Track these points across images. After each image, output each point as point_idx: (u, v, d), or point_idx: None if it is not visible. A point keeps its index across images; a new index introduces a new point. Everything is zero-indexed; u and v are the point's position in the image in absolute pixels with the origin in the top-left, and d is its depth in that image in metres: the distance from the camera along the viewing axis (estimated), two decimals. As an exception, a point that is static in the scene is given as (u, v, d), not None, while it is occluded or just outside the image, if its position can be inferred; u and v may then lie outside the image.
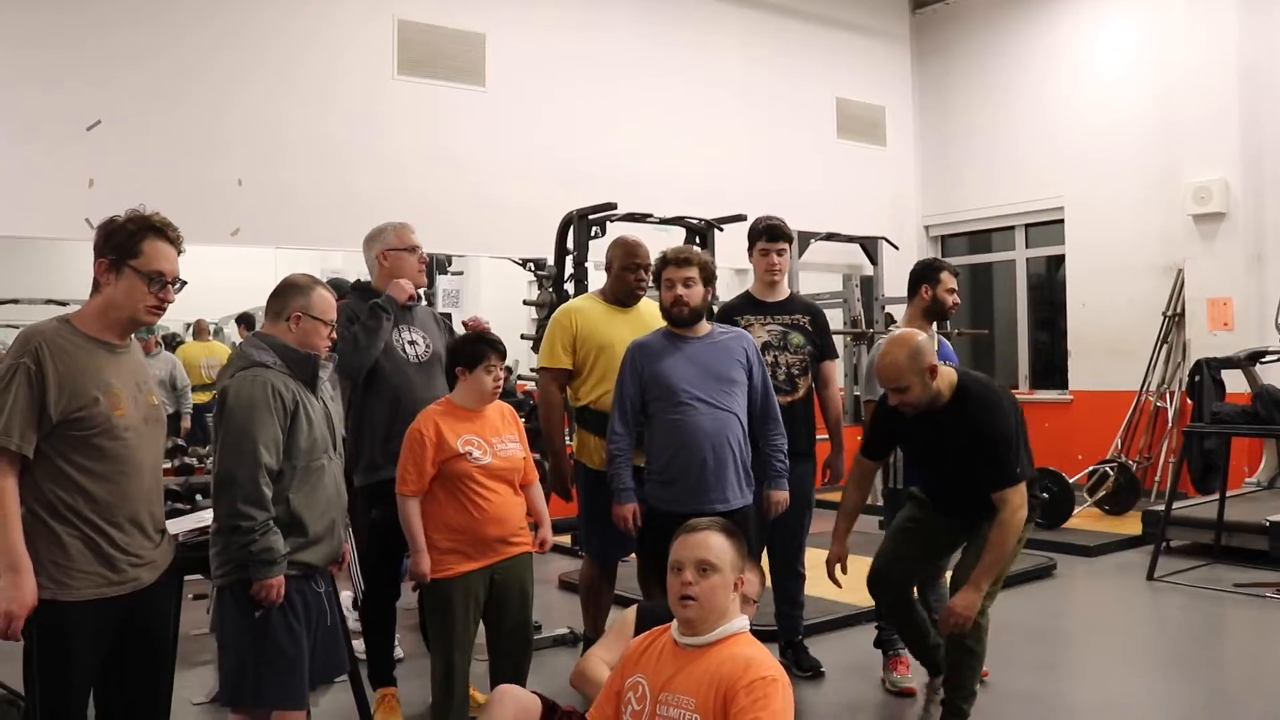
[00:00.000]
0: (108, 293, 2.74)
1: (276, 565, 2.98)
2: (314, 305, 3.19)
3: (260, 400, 3.02)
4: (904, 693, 4.46)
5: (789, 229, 4.69)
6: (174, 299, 2.81)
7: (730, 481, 3.93)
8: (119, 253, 2.72)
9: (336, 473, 3.23)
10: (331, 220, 7.53)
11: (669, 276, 4.00)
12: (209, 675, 4.75)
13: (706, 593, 2.66)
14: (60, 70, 6.67)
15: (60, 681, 2.65)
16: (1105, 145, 9.67)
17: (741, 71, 9.85)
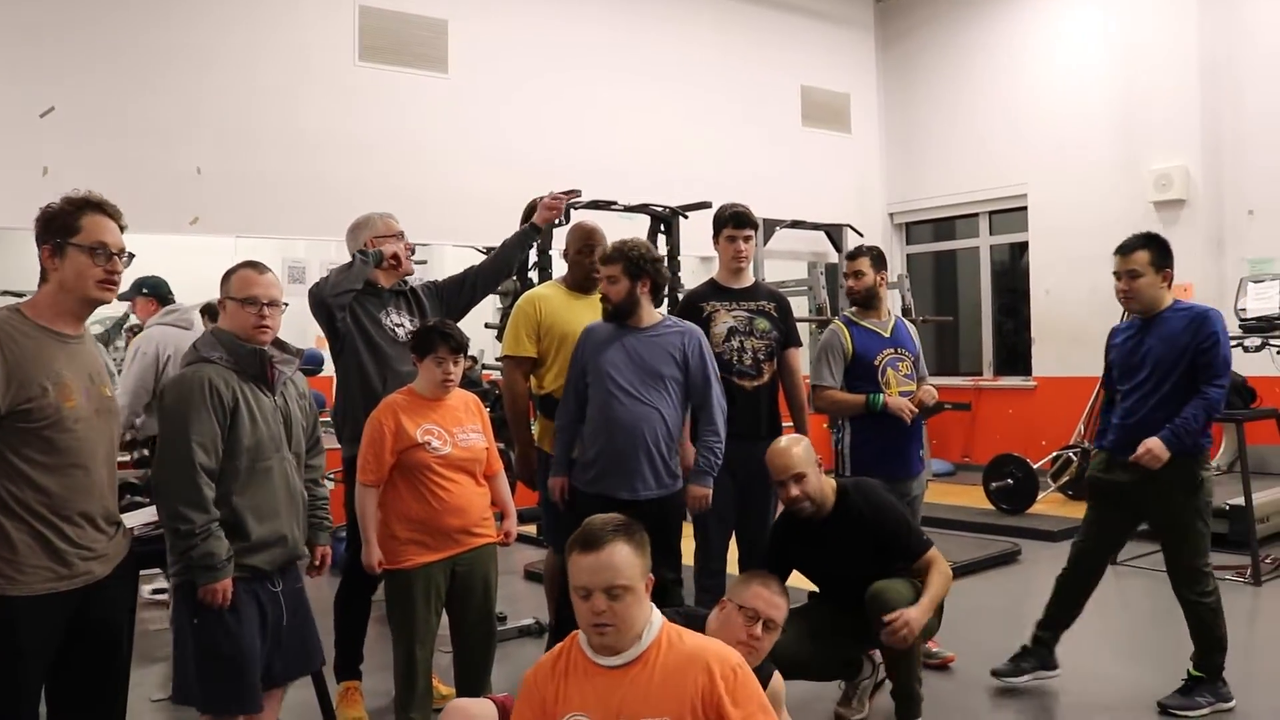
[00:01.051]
0: (56, 277, 2.68)
1: (218, 570, 2.92)
2: (232, 287, 3.11)
3: (195, 398, 2.95)
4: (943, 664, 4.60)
5: (755, 216, 4.67)
6: (121, 270, 2.72)
7: (644, 474, 3.95)
8: (60, 234, 2.66)
9: (290, 473, 3.13)
10: (293, 208, 7.45)
11: (599, 273, 4.10)
12: (167, 671, 4.68)
13: (622, 615, 2.44)
14: (13, 57, 6.54)
15: (9, 678, 2.58)
16: (1068, 133, 9.73)
17: (706, 59, 9.82)
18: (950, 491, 9.01)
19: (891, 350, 4.64)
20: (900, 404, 4.48)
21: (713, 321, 4.55)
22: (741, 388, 4.50)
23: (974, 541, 7.00)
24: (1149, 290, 4.10)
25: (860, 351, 4.59)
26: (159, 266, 5.63)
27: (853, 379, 4.59)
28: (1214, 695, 4.03)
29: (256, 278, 3.11)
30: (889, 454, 4.56)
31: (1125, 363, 4.17)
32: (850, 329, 4.65)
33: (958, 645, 4.82)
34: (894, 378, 4.59)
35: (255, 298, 3.08)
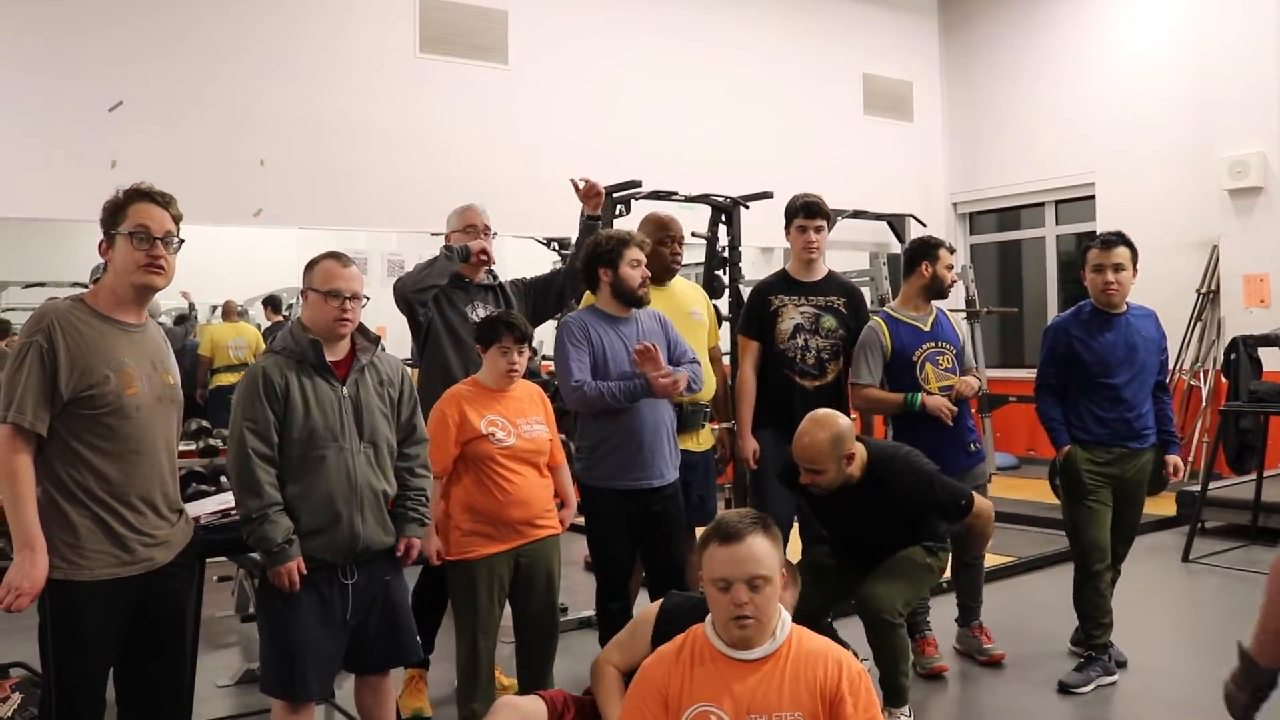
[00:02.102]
0: (111, 267, 2.74)
1: (275, 555, 2.95)
2: (315, 278, 3.12)
3: (250, 387, 3.03)
4: (934, 673, 4.47)
5: (827, 206, 4.60)
6: (165, 254, 2.74)
7: (666, 459, 3.99)
8: (110, 225, 2.73)
9: (352, 463, 3.09)
10: (354, 200, 7.50)
11: (637, 258, 4.00)
12: (234, 657, 4.75)
13: (762, 607, 2.48)
14: (82, 52, 6.64)
15: (76, 662, 2.64)
16: (1138, 119, 9.49)
17: (768, 47, 9.73)
18: (1015, 485, 8.87)
19: (931, 344, 4.52)
20: (938, 404, 4.37)
21: (779, 317, 4.51)
22: (803, 387, 4.48)
23: (1040, 536, 6.88)
24: (1128, 284, 4.32)
25: (899, 347, 4.48)
26: (223, 258, 5.72)
27: (892, 375, 4.49)
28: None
29: (340, 270, 3.11)
30: (931, 450, 4.38)
31: (1109, 357, 4.29)
32: (889, 325, 4.53)
33: (1025, 642, 4.74)
34: (933, 373, 4.48)
35: (338, 290, 3.08)
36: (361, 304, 3.14)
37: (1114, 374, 4.29)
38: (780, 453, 4.34)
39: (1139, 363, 4.32)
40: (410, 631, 3.30)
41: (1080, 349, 4.32)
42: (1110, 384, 4.28)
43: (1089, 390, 4.32)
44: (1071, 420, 4.36)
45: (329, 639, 3.08)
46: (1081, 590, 4.37)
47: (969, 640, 4.69)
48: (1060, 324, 4.44)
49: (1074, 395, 4.36)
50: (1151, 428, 4.40)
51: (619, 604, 4.12)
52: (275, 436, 3.01)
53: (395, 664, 3.34)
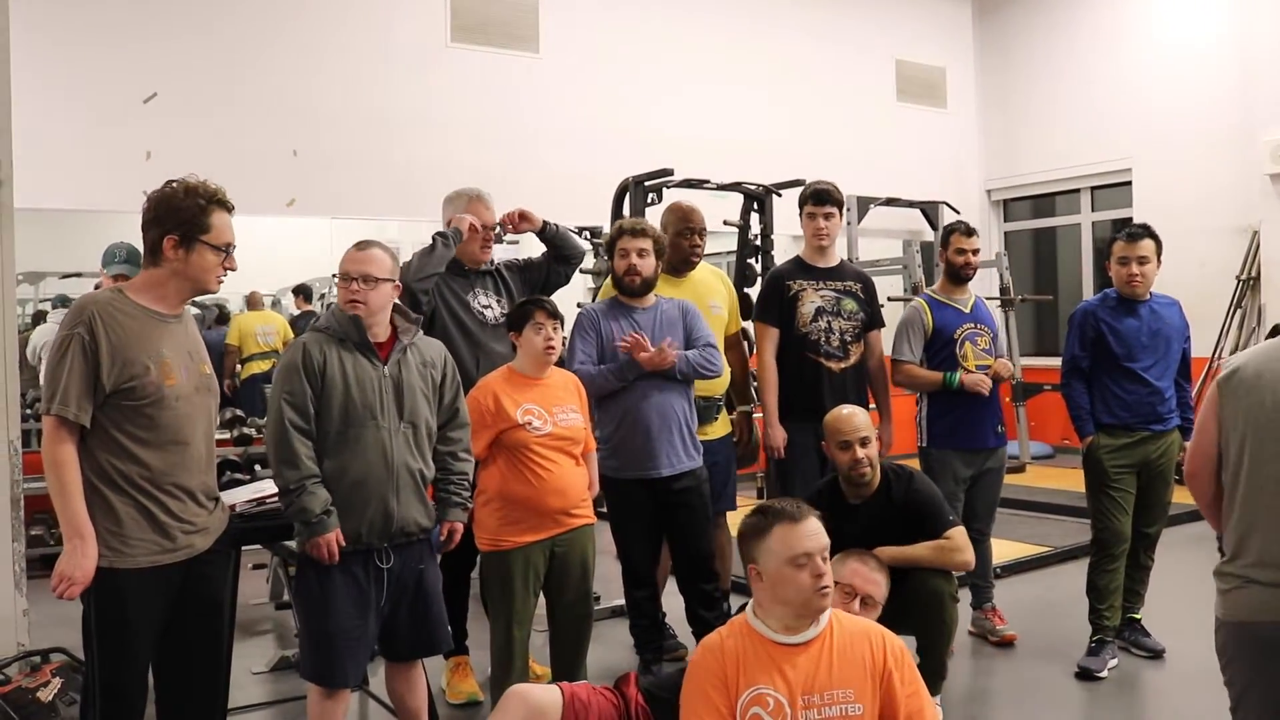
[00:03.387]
0: (173, 266, 2.76)
1: (313, 526, 2.98)
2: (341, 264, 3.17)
3: (290, 362, 3.08)
4: (1006, 641, 4.68)
5: (839, 193, 4.64)
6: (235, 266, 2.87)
7: (676, 447, 4.01)
8: (188, 228, 2.74)
9: (390, 443, 3.09)
10: (386, 190, 7.53)
11: (624, 246, 4.06)
12: (269, 645, 4.79)
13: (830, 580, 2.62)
14: (116, 44, 6.71)
15: (119, 649, 2.67)
16: (1175, 103, 9.36)
17: (800, 34, 9.66)
18: (1050, 475, 8.80)
19: (971, 325, 4.68)
20: (976, 379, 4.55)
21: (800, 300, 4.52)
22: (829, 370, 4.50)
23: (1075, 526, 6.80)
24: (1152, 276, 4.40)
25: (939, 326, 4.64)
26: (258, 247, 5.74)
27: (932, 353, 4.65)
28: None
29: (352, 254, 3.16)
30: (963, 427, 4.61)
31: (1134, 342, 4.37)
32: (931, 305, 4.71)
33: (1053, 630, 4.70)
34: (971, 351, 4.63)
35: (347, 273, 3.13)
36: (374, 286, 3.11)
37: (1139, 358, 4.36)
38: (808, 441, 4.38)
39: (1163, 349, 4.40)
40: (442, 622, 3.30)
41: (1107, 333, 4.40)
42: (1135, 368, 4.36)
43: (1114, 374, 4.39)
44: (1097, 404, 4.43)
45: (363, 626, 3.09)
46: (1096, 572, 4.44)
47: (981, 622, 4.82)
48: (1088, 308, 4.52)
49: (1100, 379, 4.43)
50: (1175, 411, 4.45)
51: (644, 592, 4.15)
52: (312, 410, 3.03)
53: (426, 653, 3.35)
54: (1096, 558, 4.44)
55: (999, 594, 4.99)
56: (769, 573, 2.60)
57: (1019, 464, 8.72)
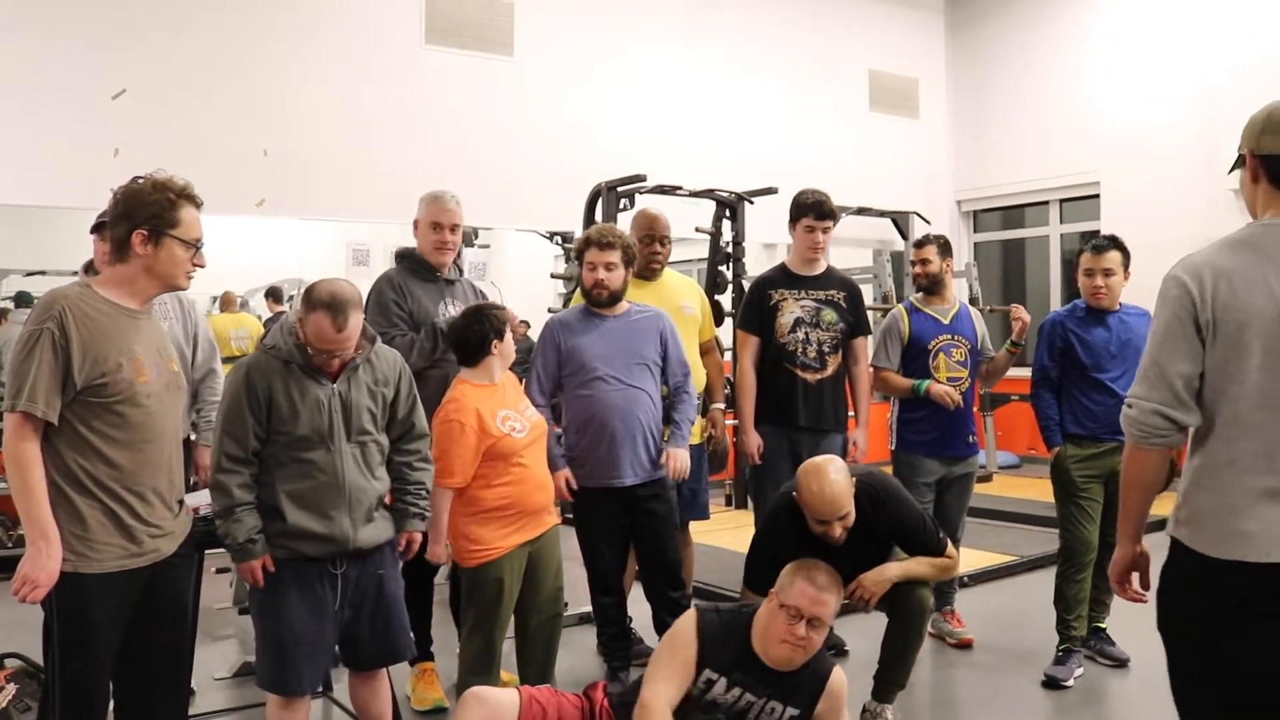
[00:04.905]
0: (143, 261, 2.72)
1: (239, 551, 2.97)
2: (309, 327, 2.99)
3: (232, 390, 3.02)
4: (963, 644, 4.76)
5: (834, 206, 4.63)
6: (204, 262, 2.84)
7: (640, 456, 4.00)
8: (157, 222, 2.70)
9: (342, 465, 3.04)
10: (358, 191, 7.47)
11: (591, 260, 4.03)
12: (231, 650, 4.73)
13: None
14: (86, 40, 6.62)
15: (82, 654, 2.62)
16: (1142, 118, 9.46)
17: (774, 42, 9.69)
18: (1017, 484, 8.86)
19: (948, 337, 4.76)
20: (942, 392, 4.60)
21: (780, 311, 4.54)
22: (805, 380, 4.52)
23: (1042, 535, 6.85)
24: (1118, 288, 4.46)
25: (916, 335, 4.75)
26: (228, 247, 5.69)
27: (907, 361, 4.76)
28: None
29: (333, 335, 2.98)
30: (934, 433, 4.68)
31: (1102, 353, 4.40)
32: (910, 314, 4.81)
33: (1021, 639, 4.73)
34: (944, 363, 4.72)
35: (329, 352, 3.02)
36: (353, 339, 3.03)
37: (1107, 369, 4.38)
38: (782, 446, 4.48)
39: (1132, 359, 4.38)
40: (404, 629, 3.27)
41: (1075, 343, 4.44)
42: (1103, 379, 4.38)
43: (1083, 385, 4.42)
44: (1065, 415, 4.47)
45: (320, 632, 3.06)
46: (1064, 582, 4.47)
47: (940, 624, 4.88)
48: (1056, 318, 4.57)
49: (1068, 390, 4.47)
50: None
51: (610, 599, 4.15)
52: (254, 441, 2.99)
53: (389, 662, 3.31)
54: (1064, 567, 4.47)
55: (965, 602, 5.02)
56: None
57: (986, 473, 8.78)
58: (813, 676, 3.13)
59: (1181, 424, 2.20)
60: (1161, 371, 2.20)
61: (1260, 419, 2.12)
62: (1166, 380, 2.19)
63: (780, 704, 3.11)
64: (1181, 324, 2.17)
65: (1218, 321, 2.13)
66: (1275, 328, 2.09)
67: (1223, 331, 2.13)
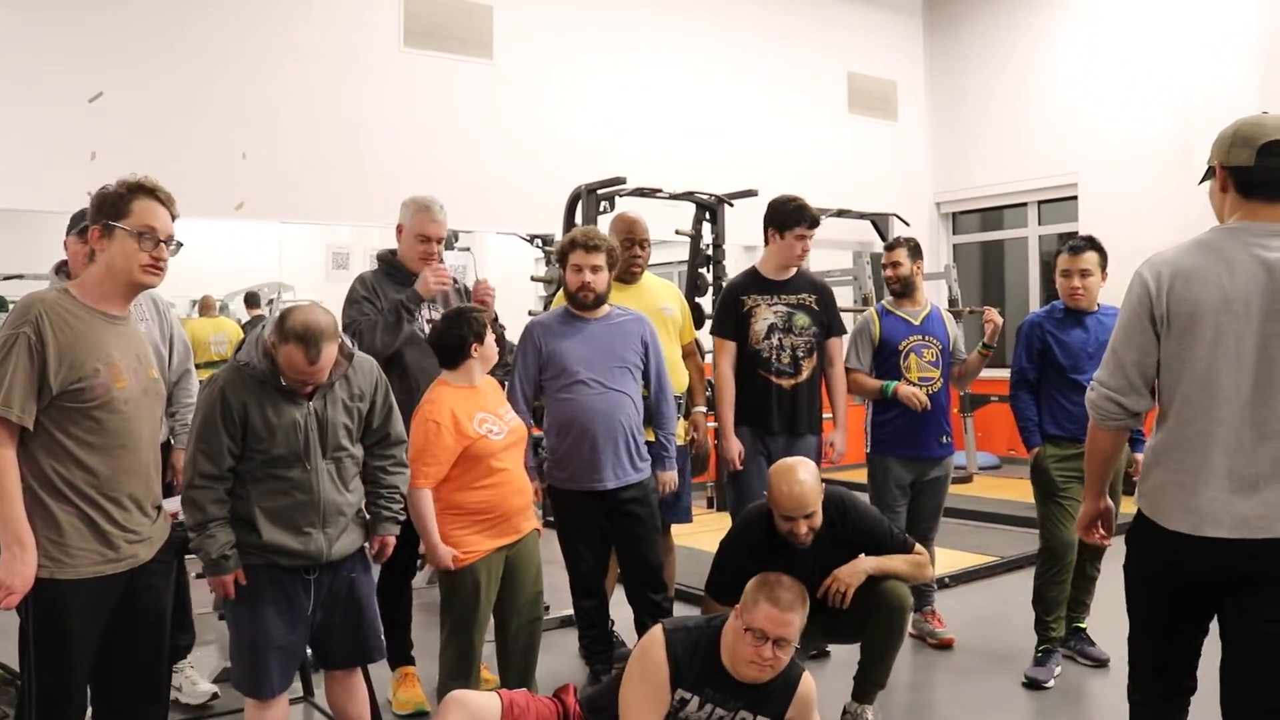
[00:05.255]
0: (103, 259, 2.69)
1: (211, 566, 2.98)
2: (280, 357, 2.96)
3: (207, 408, 3.00)
4: (944, 644, 4.80)
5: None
6: (167, 257, 2.74)
7: (621, 459, 4.01)
8: (109, 216, 2.67)
9: (318, 482, 3.04)
10: (337, 194, 7.46)
11: (577, 262, 4.02)
12: (213, 655, 4.70)
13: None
14: (62, 42, 6.58)
15: (60, 660, 2.61)
16: (1121, 121, 9.54)
17: (753, 45, 9.73)
18: (996, 485, 8.90)
19: (918, 338, 4.78)
20: (909, 393, 4.61)
21: (753, 318, 4.53)
22: (779, 386, 4.52)
23: (1022, 536, 6.89)
24: (1096, 289, 4.48)
25: (886, 337, 4.79)
26: (204, 251, 5.65)
27: (879, 362, 4.80)
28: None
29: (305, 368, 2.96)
30: (906, 434, 4.70)
31: (1080, 354, 4.41)
32: (881, 317, 4.86)
33: (1001, 639, 4.75)
34: (915, 363, 4.75)
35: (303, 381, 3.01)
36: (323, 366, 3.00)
37: (1085, 370, 4.38)
38: (756, 450, 4.51)
39: None
40: (376, 630, 3.27)
41: (1053, 344, 4.47)
42: (1081, 380, 4.37)
43: (1061, 386, 4.45)
44: (1044, 416, 4.50)
45: (291, 635, 3.08)
46: (1044, 583, 4.49)
47: (921, 625, 4.90)
48: (1035, 319, 4.60)
49: (1046, 391, 4.49)
50: None
51: (592, 602, 4.16)
52: (229, 458, 2.98)
53: (360, 662, 3.31)
54: (1044, 568, 4.49)
55: (945, 603, 5.04)
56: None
57: (966, 474, 8.82)
58: (783, 684, 3.15)
59: (1131, 410, 2.53)
60: (1119, 360, 2.51)
61: (1205, 402, 2.39)
62: (1123, 368, 2.51)
63: (751, 713, 3.14)
64: (1139, 318, 2.47)
65: (1171, 314, 2.41)
66: (1222, 318, 2.36)
67: (1176, 323, 2.41)
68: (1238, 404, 2.36)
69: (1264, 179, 2.42)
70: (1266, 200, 2.42)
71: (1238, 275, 2.36)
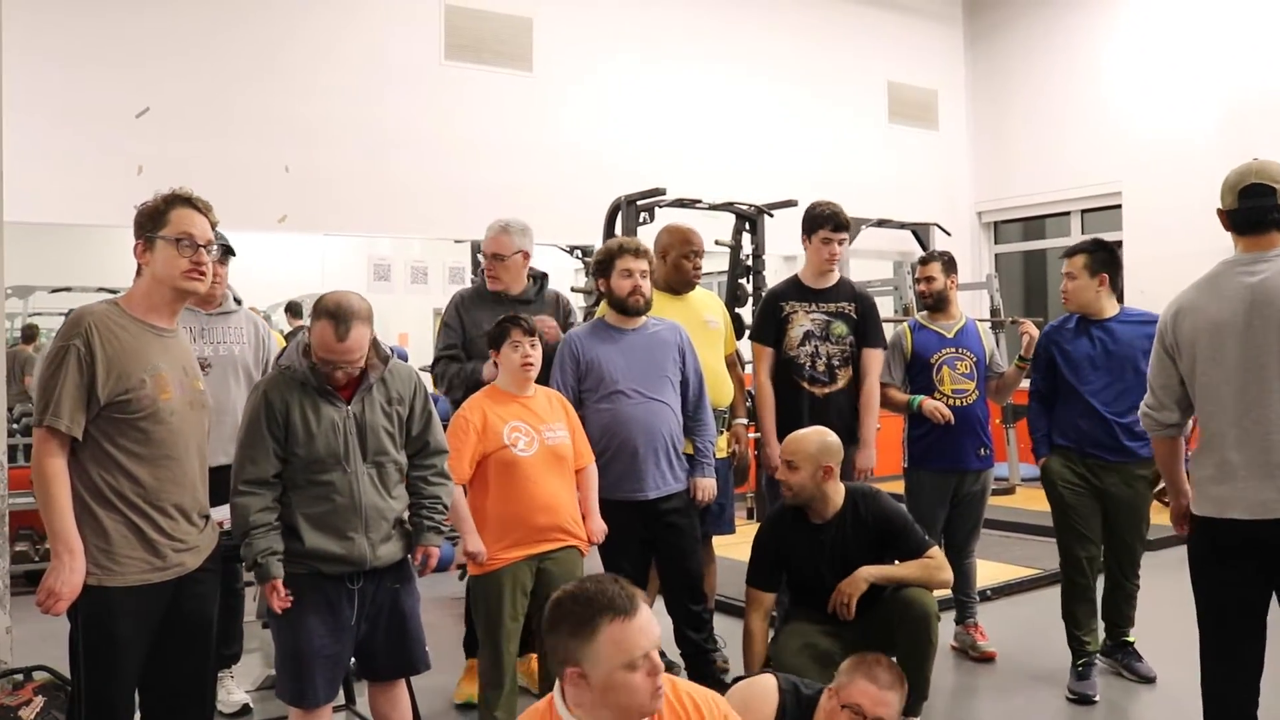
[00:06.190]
0: (149, 271, 2.76)
1: (260, 571, 2.98)
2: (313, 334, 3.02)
3: (251, 413, 3.05)
4: (985, 657, 4.75)
5: (848, 217, 4.63)
6: (208, 261, 2.79)
7: (662, 469, 4.00)
8: (150, 228, 2.73)
9: (358, 485, 3.07)
10: (378, 207, 7.53)
11: (628, 267, 4.02)
12: (256, 663, 4.75)
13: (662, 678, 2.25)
14: (109, 58, 6.70)
15: (107, 667, 2.64)
16: (1166, 127, 9.40)
17: (792, 55, 9.71)
18: (1039, 497, 8.72)
19: (951, 350, 4.77)
20: (932, 407, 4.59)
21: (790, 324, 4.54)
22: (812, 394, 4.52)
23: (1065, 548, 6.80)
24: (1080, 293, 4.38)
25: (919, 350, 4.78)
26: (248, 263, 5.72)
27: (912, 376, 4.80)
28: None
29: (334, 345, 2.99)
30: (941, 448, 4.67)
31: (1081, 364, 4.35)
32: (913, 330, 4.86)
33: (1043, 653, 4.69)
34: (949, 376, 4.73)
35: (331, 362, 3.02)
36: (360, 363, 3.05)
37: (1085, 381, 4.33)
38: None
39: (1118, 370, 4.30)
40: (419, 641, 3.28)
41: (1057, 354, 4.44)
42: (1083, 392, 4.33)
43: (1069, 398, 4.40)
44: (1054, 427, 4.46)
45: (336, 645, 3.09)
46: (1066, 599, 4.46)
47: (963, 637, 4.87)
48: (1047, 329, 4.57)
49: (1058, 403, 4.46)
50: (1143, 441, 4.21)
51: None
52: (275, 461, 3.02)
53: (404, 674, 3.33)
54: (1064, 584, 4.47)
55: (988, 615, 4.98)
56: (598, 679, 2.11)
57: (1009, 486, 8.73)
58: None
59: (1163, 422, 3.10)
60: (1150, 384, 3.12)
61: (1214, 409, 2.91)
62: (1153, 390, 3.10)
63: None
64: (1159, 351, 3.07)
65: (1179, 345, 2.99)
66: (1215, 339, 2.89)
67: (1183, 352, 2.98)
68: (1238, 409, 2.84)
69: (1245, 218, 2.94)
70: (1250, 234, 2.94)
71: (1225, 301, 2.88)
